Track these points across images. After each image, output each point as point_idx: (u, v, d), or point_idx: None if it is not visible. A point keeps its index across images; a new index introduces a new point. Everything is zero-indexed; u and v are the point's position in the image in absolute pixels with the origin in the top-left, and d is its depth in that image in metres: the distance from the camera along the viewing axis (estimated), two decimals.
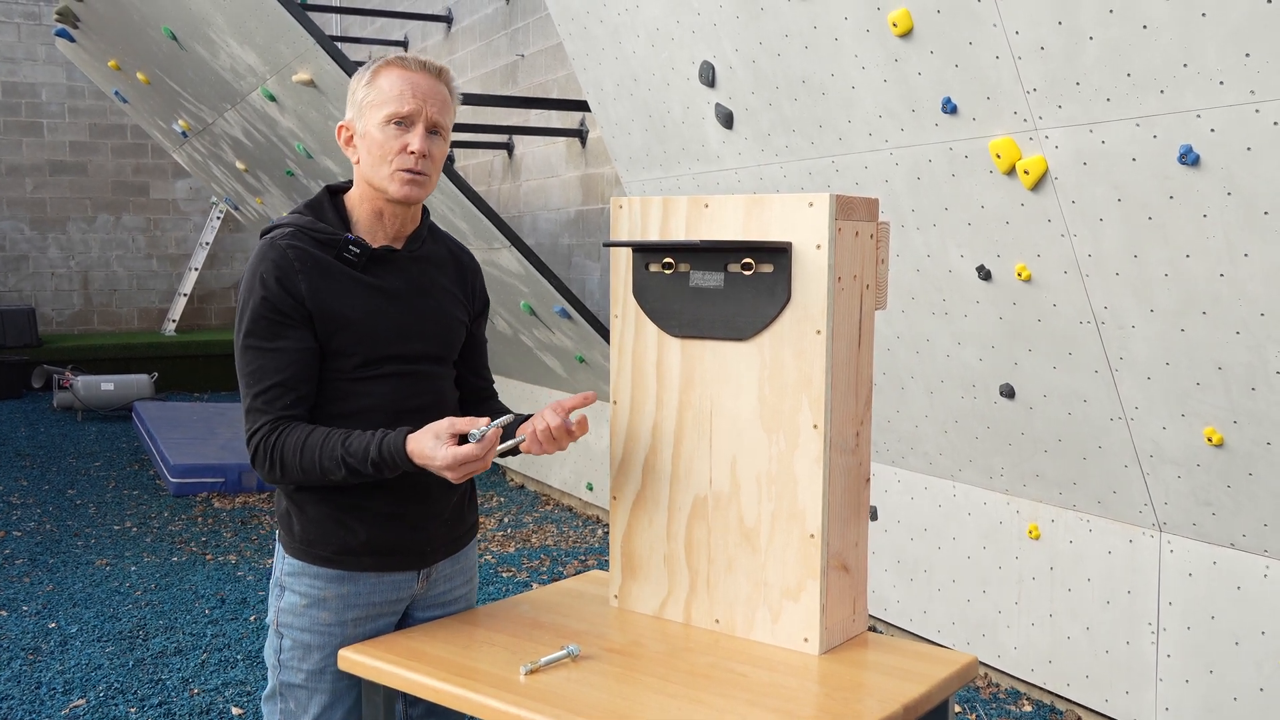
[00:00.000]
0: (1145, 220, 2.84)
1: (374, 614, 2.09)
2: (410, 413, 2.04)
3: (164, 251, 13.52)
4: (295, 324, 1.97)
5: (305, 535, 2.06)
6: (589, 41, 4.54)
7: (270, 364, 1.96)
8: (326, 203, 2.08)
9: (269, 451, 1.95)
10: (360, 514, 2.04)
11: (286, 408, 1.97)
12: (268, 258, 1.98)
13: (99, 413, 10.14)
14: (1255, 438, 2.91)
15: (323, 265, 2.00)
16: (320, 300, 1.98)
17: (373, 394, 2.03)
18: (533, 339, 6.45)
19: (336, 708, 2.08)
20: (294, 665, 2.07)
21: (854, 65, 3.35)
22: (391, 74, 2.01)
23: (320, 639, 2.05)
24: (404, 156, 1.99)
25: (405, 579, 2.11)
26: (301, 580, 2.06)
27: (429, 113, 2.01)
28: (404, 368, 2.06)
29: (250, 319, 1.97)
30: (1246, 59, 2.44)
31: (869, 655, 1.99)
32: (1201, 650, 3.27)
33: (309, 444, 1.94)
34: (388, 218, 2.07)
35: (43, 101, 12.86)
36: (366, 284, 2.03)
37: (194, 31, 6.31)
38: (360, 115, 2.03)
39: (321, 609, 2.05)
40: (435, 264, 2.16)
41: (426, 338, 2.09)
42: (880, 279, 2.07)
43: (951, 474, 4.05)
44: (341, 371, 2.02)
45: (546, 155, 7.65)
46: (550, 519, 6.61)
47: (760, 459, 2.01)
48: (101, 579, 5.30)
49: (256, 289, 1.97)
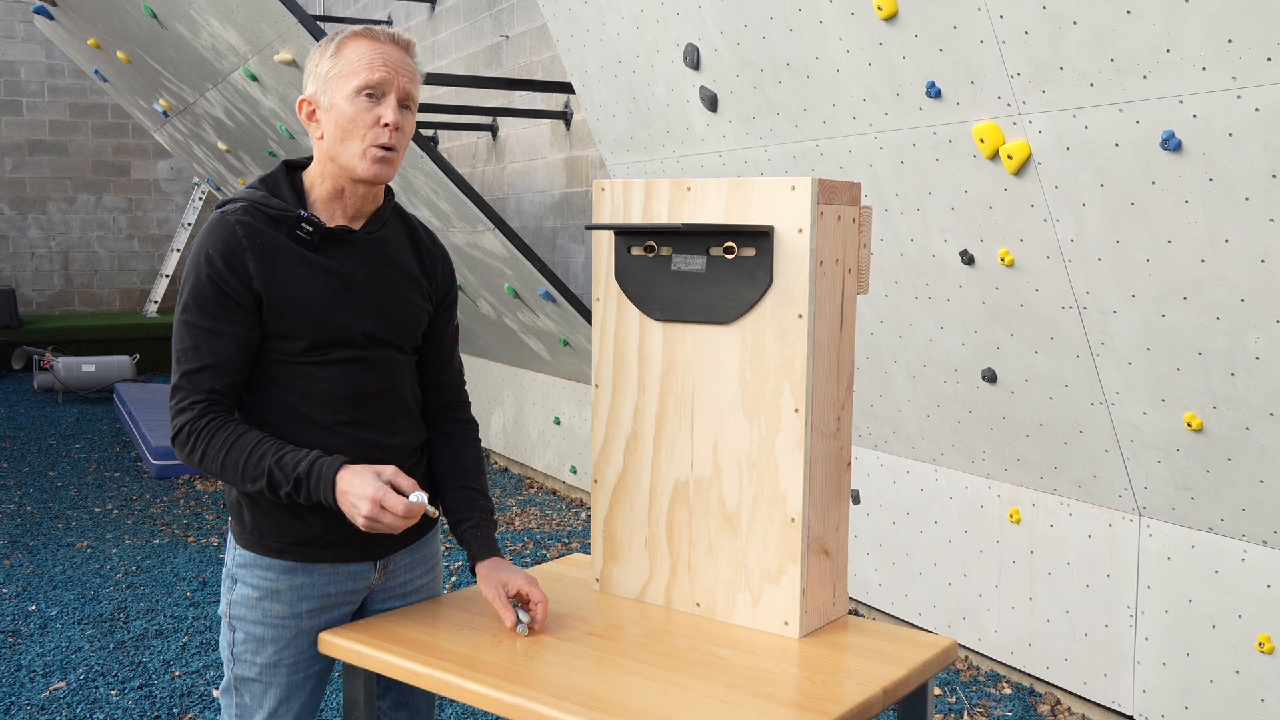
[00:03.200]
0: (1127, 206, 2.84)
1: (329, 605, 2.03)
2: (361, 399, 1.97)
3: (145, 232, 13.43)
4: (237, 306, 1.89)
5: (257, 526, 2.00)
6: (573, 23, 4.51)
7: (205, 344, 1.89)
8: (283, 178, 1.99)
9: (194, 435, 1.88)
10: (315, 505, 1.94)
11: (214, 391, 1.90)
12: (217, 234, 1.90)
13: (80, 394, 10.09)
14: (1234, 423, 2.93)
15: (273, 244, 1.91)
16: (268, 280, 1.90)
17: (322, 379, 1.95)
18: (516, 322, 6.44)
19: (292, 701, 2.03)
20: (247, 659, 2.01)
21: (839, 49, 3.34)
22: (360, 44, 1.92)
23: (274, 631, 2.00)
24: (377, 130, 1.91)
25: (362, 569, 2.05)
26: (253, 572, 2.00)
27: (401, 83, 1.92)
28: (355, 353, 1.97)
29: (191, 295, 1.90)
30: (1229, 45, 2.44)
31: (849, 639, 2.00)
32: (1179, 633, 3.29)
33: (239, 444, 1.87)
34: (348, 196, 1.98)
35: (21, 80, 12.74)
36: (318, 264, 1.94)
37: (175, 10, 6.26)
38: (325, 88, 1.93)
39: (275, 601, 2.00)
40: (395, 246, 2.06)
41: (380, 322, 1.99)
42: (862, 263, 2.07)
43: (934, 458, 4.06)
44: (289, 355, 1.94)
45: (531, 138, 7.62)
46: (534, 502, 6.62)
47: (742, 443, 2.01)
48: (82, 561, 5.28)
49: (203, 266, 1.89)
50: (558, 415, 6.73)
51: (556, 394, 6.75)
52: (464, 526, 2.10)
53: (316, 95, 1.96)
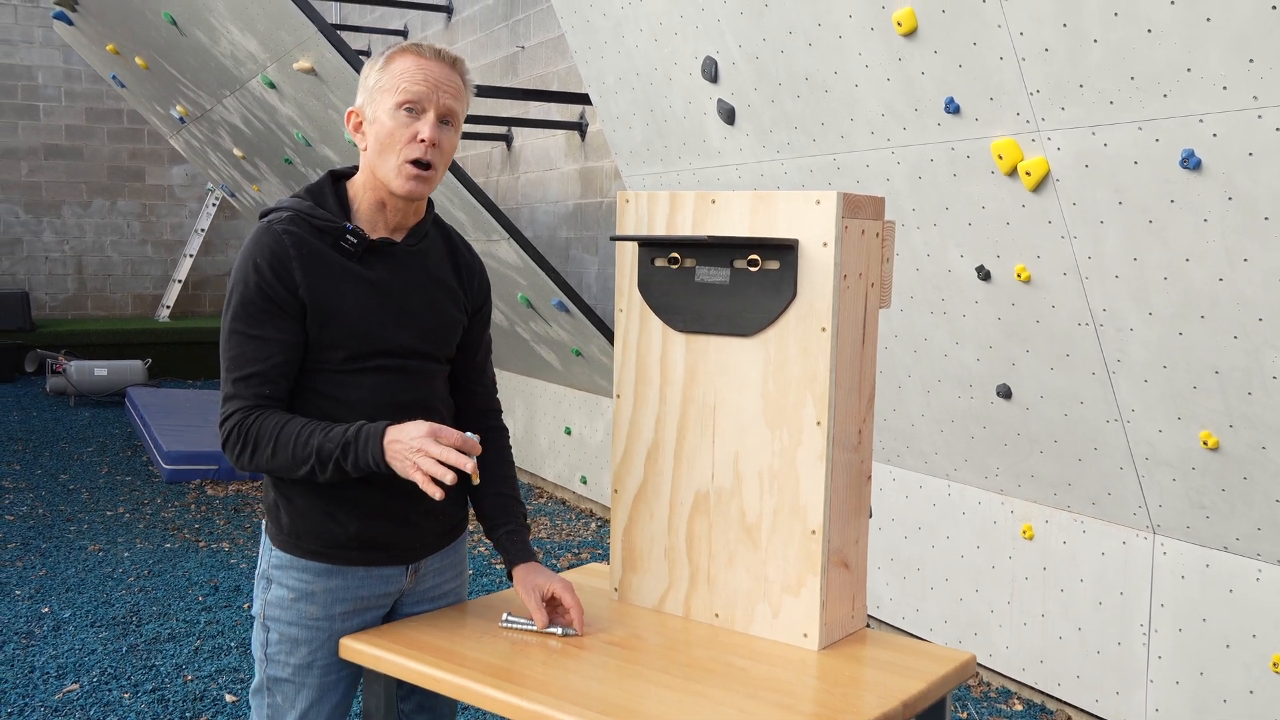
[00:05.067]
0: (1146, 223, 2.85)
1: (361, 608, 2.07)
2: (398, 408, 2.01)
3: (159, 237, 13.48)
4: (284, 314, 1.94)
5: (293, 528, 2.03)
6: (591, 35, 4.54)
7: (253, 351, 1.93)
8: (328, 188, 2.03)
9: (244, 434, 1.92)
10: (349, 507, 2.01)
11: (264, 397, 1.94)
12: (263, 243, 1.94)
13: (92, 398, 10.12)
14: (1251, 442, 2.93)
15: (318, 254, 1.96)
16: (313, 289, 1.94)
17: (361, 387, 2.00)
18: (529, 331, 6.45)
19: (324, 702, 2.06)
20: (281, 659, 2.04)
21: (857, 63, 3.36)
22: (406, 59, 1.96)
23: (308, 633, 2.03)
24: (413, 145, 1.94)
25: (394, 573, 2.09)
26: (289, 573, 2.04)
27: (441, 100, 1.96)
28: (393, 362, 2.02)
29: (239, 303, 1.94)
30: (1250, 64, 2.45)
31: (868, 651, 2.00)
32: (1192, 652, 3.29)
33: (286, 431, 1.91)
34: (390, 209, 2.03)
35: (39, 84, 12.81)
36: (361, 275, 1.99)
37: (195, 17, 6.30)
38: (371, 100, 1.98)
39: (309, 602, 2.03)
40: (434, 258, 2.11)
41: (418, 333, 2.05)
42: (885, 277, 2.08)
43: (947, 473, 4.07)
44: (330, 363, 1.98)
45: (545, 148, 7.64)
46: (544, 511, 6.62)
47: (763, 454, 2.02)
48: (94, 564, 5.30)
49: (250, 274, 1.93)
50: (569, 425, 6.74)
51: (568, 404, 6.76)
52: (500, 531, 2.15)
53: (363, 107, 2.01)
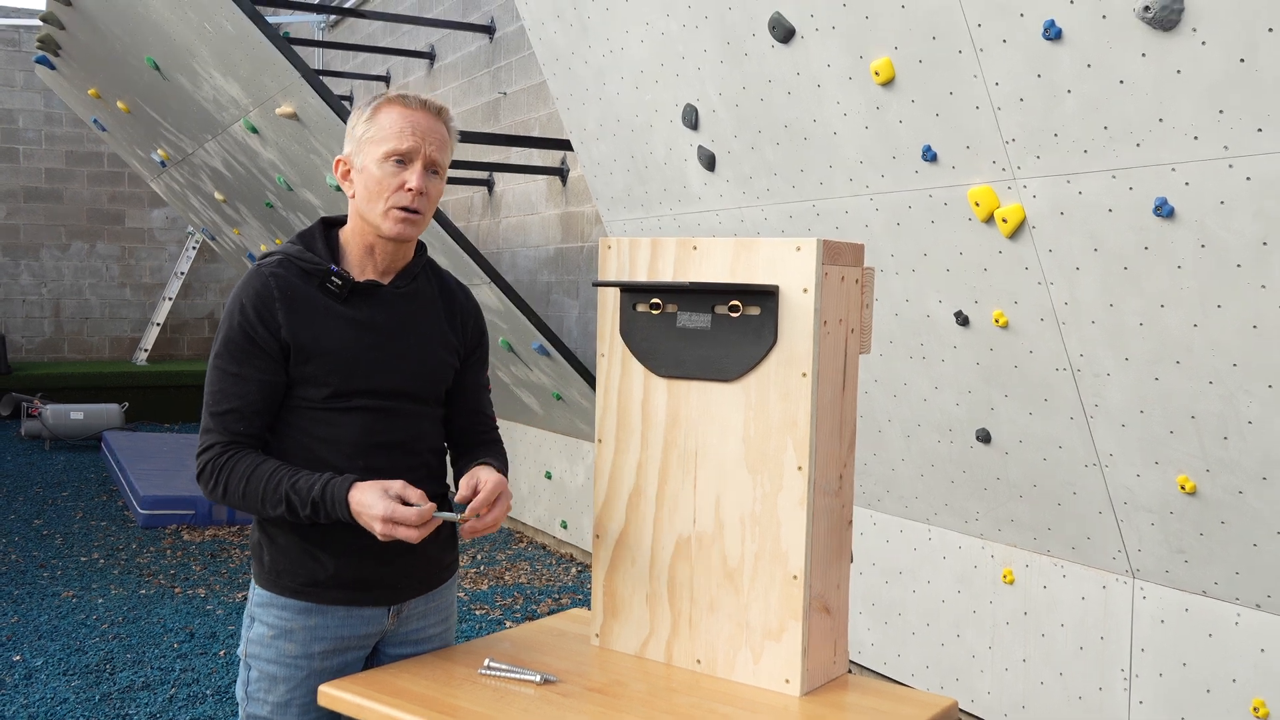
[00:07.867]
0: (1121, 270, 2.89)
1: (341, 648, 2.08)
2: (379, 448, 2.04)
3: (137, 280, 13.45)
4: (264, 354, 2.00)
5: (274, 565, 2.06)
6: (573, 82, 4.58)
7: (232, 388, 2.00)
8: (319, 234, 2.11)
9: (216, 471, 1.99)
10: (330, 546, 2.03)
11: (239, 434, 2.00)
12: (251, 285, 2.03)
13: (67, 442, 10.03)
14: (1227, 486, 2.96)
15: (303, 295, 2.03)
16: (295, 329, 2.01)
17: (341, 425, 2.03)
18: (510, 375, 6.45)
19: None
20: (260, 697, 2.06)
21: (836, 112, 3.40)
22: (392, 111, 2.03)
23: (286, 670, 2.04)
24: (401, 194, 2.01)
25: (375, 614, 2.10)
26: (270, 611, 2.06)
27: (427, 151, 2.03)
28: (376, 403, 2.06)
29: (223, 341, 2.02)
30: (1220, 115, 2.50)
31: (849, 697, 2.00)
32: (1173, 697, 3.29)
33: (257, 473, 1.97)
34: (379, 253, 2.09)
35: (19, 128, 12.81)
36: (345, 316, 2.05)
37: (177, 62, 6.33)
38: (359, 150, 2.05)
39: (288, 640, 2.05)
40: (424, 301, 2.16)
41: (404, 374, 2.09)
42: (865, 323, 2.10)
43: (927, 517, 4.07)
44: (313, 401, 2.03)
45: (527, 193, 7.68)
46: (524, 556, 6.58)
47: (744, 500, 2.02)
48: (68, 611, 5.23)
49: (235, 314, 2.02)
50: (549, 470, 6.72)
51: (548, 448, 6.75)
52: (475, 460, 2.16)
53: (351, 156, 2.08)
